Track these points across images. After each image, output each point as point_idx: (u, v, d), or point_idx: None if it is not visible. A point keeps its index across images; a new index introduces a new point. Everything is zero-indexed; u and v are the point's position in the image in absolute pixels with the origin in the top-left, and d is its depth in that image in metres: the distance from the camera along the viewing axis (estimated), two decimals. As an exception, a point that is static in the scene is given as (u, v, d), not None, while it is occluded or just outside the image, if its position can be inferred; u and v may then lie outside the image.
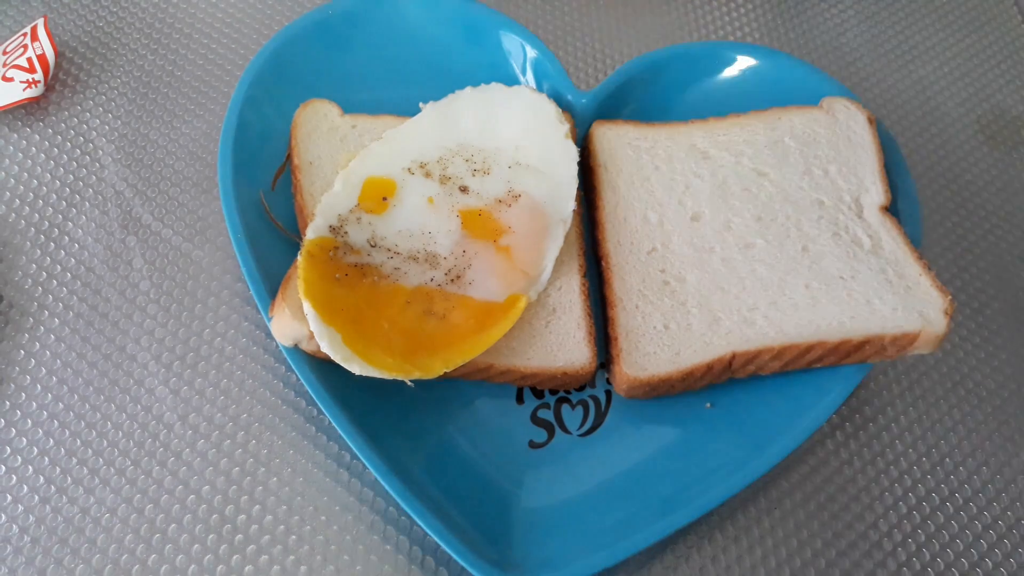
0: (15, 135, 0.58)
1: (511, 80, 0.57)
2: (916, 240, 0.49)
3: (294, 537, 0.45)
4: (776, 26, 0.69)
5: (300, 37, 0.56)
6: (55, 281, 0.52)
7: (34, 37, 0.58)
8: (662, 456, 0.46)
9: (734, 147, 0.53)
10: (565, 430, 0.47)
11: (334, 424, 0.43)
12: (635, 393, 0.47)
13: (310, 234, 0.46)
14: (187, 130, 0.59)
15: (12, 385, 0.48)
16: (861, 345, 0.45)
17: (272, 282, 0.46)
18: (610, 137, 0.54)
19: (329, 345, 0.41)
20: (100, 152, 0.57)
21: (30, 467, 0.46)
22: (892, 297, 0.46)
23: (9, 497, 0.45)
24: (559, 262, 0.49)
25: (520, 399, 0.48)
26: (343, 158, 0.52)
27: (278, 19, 0.65)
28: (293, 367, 0.45)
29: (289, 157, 0.52)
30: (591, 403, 0.48)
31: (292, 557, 0.44)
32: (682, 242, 0.50)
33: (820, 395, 0.46)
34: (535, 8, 0.68)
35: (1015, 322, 0.56)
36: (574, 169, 0.51)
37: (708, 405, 0.48)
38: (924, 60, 0.68)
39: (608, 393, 0.49)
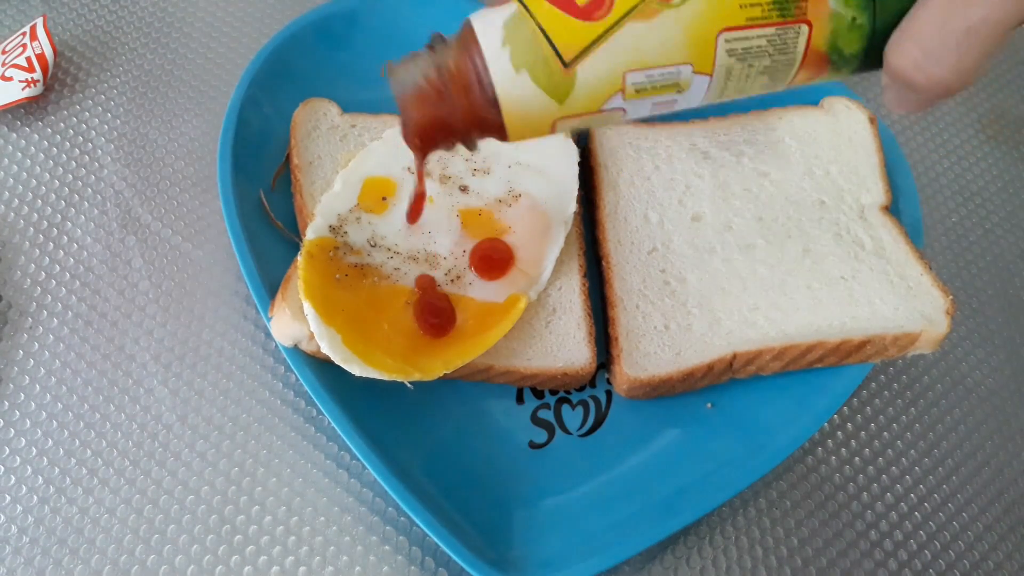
0: (14, 135, 0.57)
1: (511, 80, 0.56)
2: (917, 240, 0.49)
3: (293, 538, 0.45)
4: (776, 26, 0.69)
5: (300, 37, 0.56)
6: (54, 281, 0.52)
7: (33, 36, 0.57)
8: (662, 456, 0.46)
9: (735, 147, 0.53)
10: (565, 430, 0.47)
11: (333, 424, 0.43)
12: (635, 393, 0.47)
13: (310, 234, 0.46)
14: (187, 130, 0.59)
15: (11, 385, 0.48)
16: (862, 345, 0.45)
17: (272, 282, 0.46)
18: (610, 136, 0.54)
19: (329, 346, 0.41)
20: (99, 151, 0.57)
21: (29, 467, 0.46)
22: (893, 297, 0.46)
23: (8, 497, 0.45)
24: (559, 262, 0.49)
25: (520, 399, 0.48)
26: (343, 157, 0.52)
27: (278, 19, 0.64)
28: (293, 367, 0.45)
29: (289, 157, 0.52)
30: (591, 403, 0.48)
31: (291, 558, 0.44)
32: (683, 242, 0.50)
33: (821, 395, 0.46)
34: (535, 8, 0.67)
35: (1015, 321, 0.56)
36: (575, 169, 0.51)
37: (708, 405, 0.48)
38: (925, 60, 0.68)
39: (608, 393, 0.49)
